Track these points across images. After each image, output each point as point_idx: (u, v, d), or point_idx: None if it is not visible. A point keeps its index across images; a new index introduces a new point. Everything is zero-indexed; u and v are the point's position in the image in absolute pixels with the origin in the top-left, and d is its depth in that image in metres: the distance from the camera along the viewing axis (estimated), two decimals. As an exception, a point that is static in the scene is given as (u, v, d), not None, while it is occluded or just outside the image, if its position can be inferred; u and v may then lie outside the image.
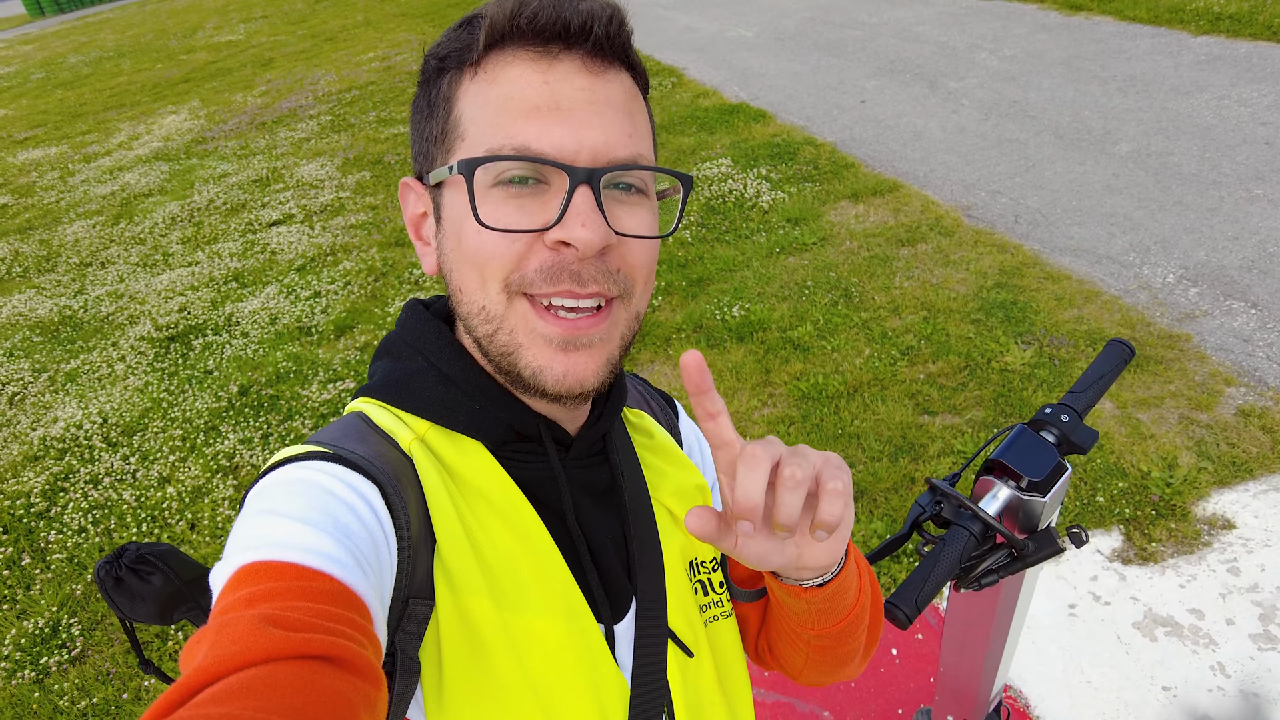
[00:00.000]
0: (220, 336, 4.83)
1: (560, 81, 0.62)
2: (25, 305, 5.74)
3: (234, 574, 0.52)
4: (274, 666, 0.44)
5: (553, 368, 0.65)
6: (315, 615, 0.48)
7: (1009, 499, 1.08)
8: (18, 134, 11.23)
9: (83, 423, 4.18)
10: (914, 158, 5.58)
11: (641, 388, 0.94)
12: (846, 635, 0.76)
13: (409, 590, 0.61)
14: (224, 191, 7.33)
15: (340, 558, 0.53)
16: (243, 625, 0.46)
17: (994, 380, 3.40)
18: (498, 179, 0.62)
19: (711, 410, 0.56)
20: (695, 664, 0.78)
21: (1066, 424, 1.11)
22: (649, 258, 0.68)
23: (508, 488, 0.69)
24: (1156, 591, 2.50)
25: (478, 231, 0.62)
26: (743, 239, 4.87)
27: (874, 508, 2.88)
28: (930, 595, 1.00)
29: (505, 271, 0.63)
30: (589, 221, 0.60)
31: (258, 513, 0.56)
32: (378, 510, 0.60)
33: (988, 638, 1.43)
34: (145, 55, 16.26)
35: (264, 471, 0.62)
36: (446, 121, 0.65)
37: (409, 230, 0.73)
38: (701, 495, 0.85)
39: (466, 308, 0.67)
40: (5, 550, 3.37)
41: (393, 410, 0.71)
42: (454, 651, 0.63)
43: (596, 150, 0.62)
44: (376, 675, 0.50)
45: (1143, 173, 4.84)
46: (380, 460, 0.64)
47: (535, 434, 0.71)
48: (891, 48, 7.90)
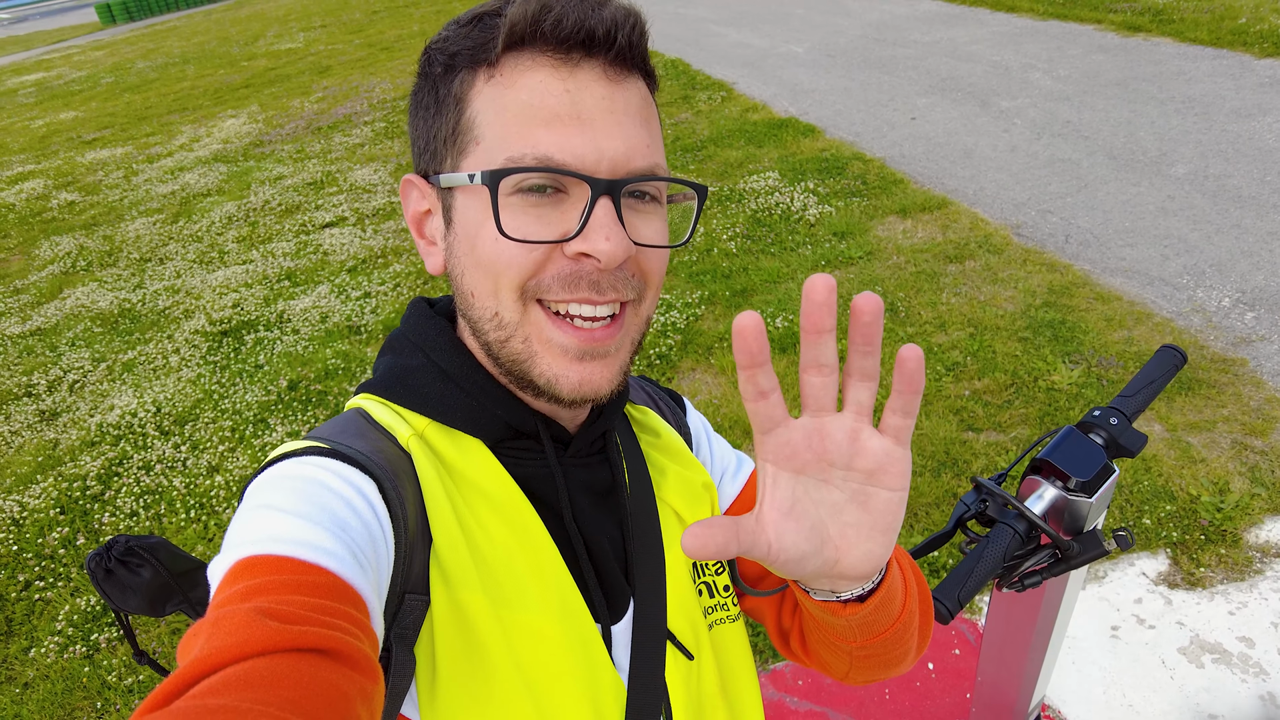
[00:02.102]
0: (271, 333, 4.95)
1: (581, 90, 0.61)
2: (88, 297, 5.94)
3: (231, 568, 0.51)
4: (271, 659, 0.44)
5: (568, 376, 0.65)
6: (312, 609, 0.48)
7: (1055, 499, 1.07)
8: (87, 134, 11.64)
9: (138, 411, 4.30)
10: (964, 175, 5.53)
11: (649, 387, 0.93)
12: (894, 643, 0.72)
13: (405, 585, 0.61)
14: (279, 193, 7.51)
15: (337, 552, 0.53)
16: (239, 618, 0.46)
17: (1040, 399, 3.35)
18: (516, 187, 0.61)
19: (765, 388, 0.51)
20: (696, 667, 0.77)
21: (1115, 427, 1.10)
22: (663, 265, 0.68)
23: (506, 485, 0.69)
24: (1204, 617, 2.44)
25: (495, 240, 0.62)
26: (788, 251, 4.87)
27: (915, 522, 2.85)
28: (973, 591, 1.00)
29: (521, 279, 0.63)
30: (612, 235, 0.60)
31: (255, 507, 0.56)
32: (375, 505, 0.59)
33: (1028, 646, 1.42)
34: (209, 61, 16.76)
35: (262, 467, 0.62)
36: (458, 122, 0.64)
37: (410, 227, 0.72)
38: (708, 494, 0.83)
39: (478, 312, 0.66)
40: (62, 530, 3.48)
41: (392, 406, 0.71)
42: (448, 647, 0.63)
43: (616, 161, 0.61)
44: (373, 668, 0.49)
45: (1199, 195, 4.74)
46: (378, 456, 0.64)
47: (534, 431, 0.71)
48: (944, 66, 7.85)
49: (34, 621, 3.08)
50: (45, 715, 2.68)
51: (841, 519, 0.57)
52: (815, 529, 0.56)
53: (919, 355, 0.50)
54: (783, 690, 2.40)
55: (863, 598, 0.65)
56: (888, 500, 0.56)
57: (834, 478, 0.56)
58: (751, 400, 0.52)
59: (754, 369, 0.50)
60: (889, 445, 0.54)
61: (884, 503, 0.56)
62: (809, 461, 0.55)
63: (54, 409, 4.58)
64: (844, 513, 0.57)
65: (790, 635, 0.85)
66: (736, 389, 3.72)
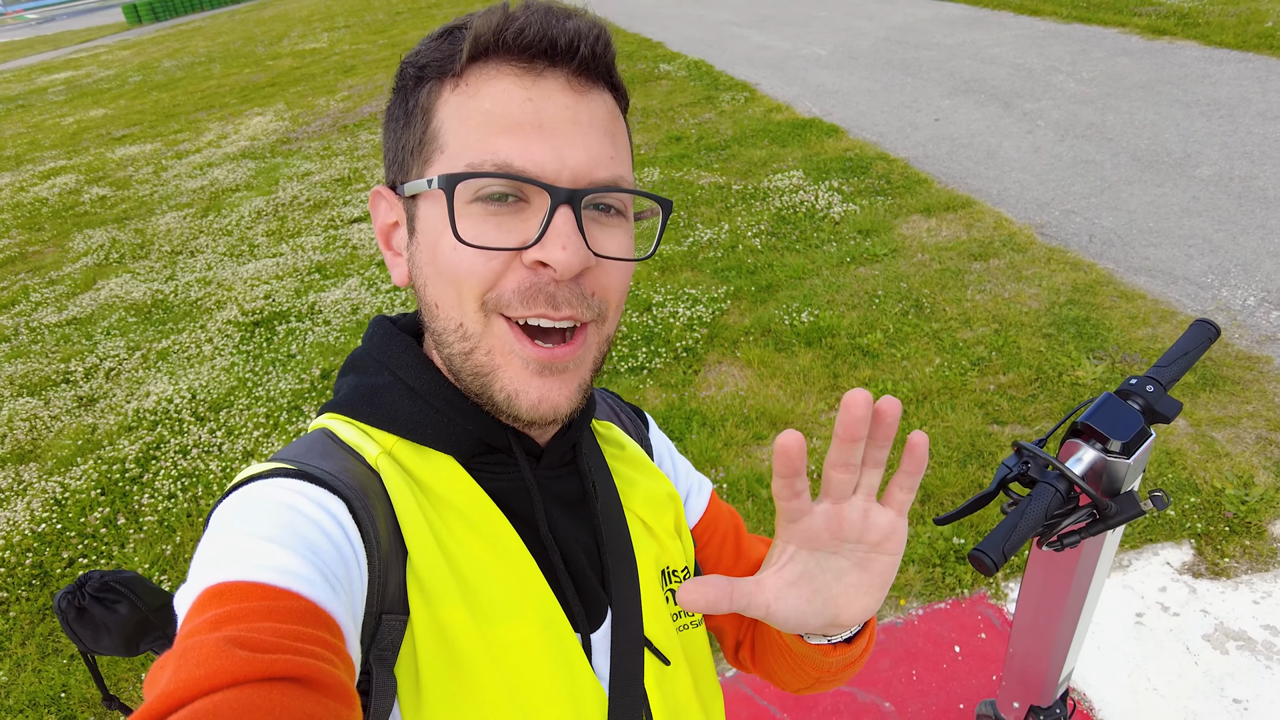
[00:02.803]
0: (303, 323, 5.04)
1: (544, 99, 0.61)
2: (121, 288, 6.06)
3: (199, 596, 0.50)
4: (241, 690, 0.43)
5: (528, 392, 0.64)
6: (283, 635, 0.47)
7: (1094, 461, 1.12)
8: (116, 131, 11.83)
9: (173, 397, 4.40)
10: (987, 175, 5.57)
11: (611, 401, 0.93)
12: (854, 670, 0.80)
13: (381, 606, 0.60)
14: (307, 189, 7.63)
15: (308, 575, 0.52)
16: (207, 648, 0.44)
17: (1064, 394, 3.39)
18: (477, 195, 0.61)
19: (799, 489, 0.57)
20: (672, 672, 0.78)
21: (1151, 394, 1.15)
22: (624, 281, 0.68)
23: (480, 500, 0.68)
24: (1228, 606, 2.48)
25: (455, 248, 0.61)
26: (813, 248, 4.92)
27: (940, 511, 2.89)
28: (1016, 546, 1.05)
29: (482, 289, 0.62)
30: (569, 244, 0.60)
31: (222, 533, 0.55)
32: (345, 526, 0.58)
33: (1062, 612, 1.46)
34: (234, 61, 16.97)
35: (228, 490, 0.60)
36: (425, 132, 0.64)
37: (379, 239, 0.72)
38: (673, 503, 0.85)
39: (442, 324, 0.66)
40: (103, 510, 3.58)
41: (358, 425, 0.70)
42: (431, 665, 0.62)
43: (578, 170, 0.61)
44: (349, 695, 0.48)
45: (1224, 196, 4.76)
46: (346, 475, 0.63)
47: (505, 445, 0.70)
48: (967, 68, 7.88)
49: (78, 596, 3.17)
50: (90, 685, 2.76)
51: (844, 580, 0.63)
52: (819, 593, 0.63)
53: (925, 442, 0.57)
54: (811, 670, 2.45)
55: (850, 640, 0.73)
56: (887, 563, 0.63)
57: (844, 550, 0.62)
58: (785, 500, 0.58)
59: (792, 478, 0.56)
60: (893, 518, 0.61)
61: (883, 565, 0.63)
62: (826, 541, 0.62)
63: (91, 395, 4.68)
64: (847, 575, 0.63)
65: (743, 646, 0.92)
66: (762, 381, 3.77)
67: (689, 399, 3.74)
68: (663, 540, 0.82)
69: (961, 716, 2.27)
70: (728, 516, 0.95)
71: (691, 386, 3.84)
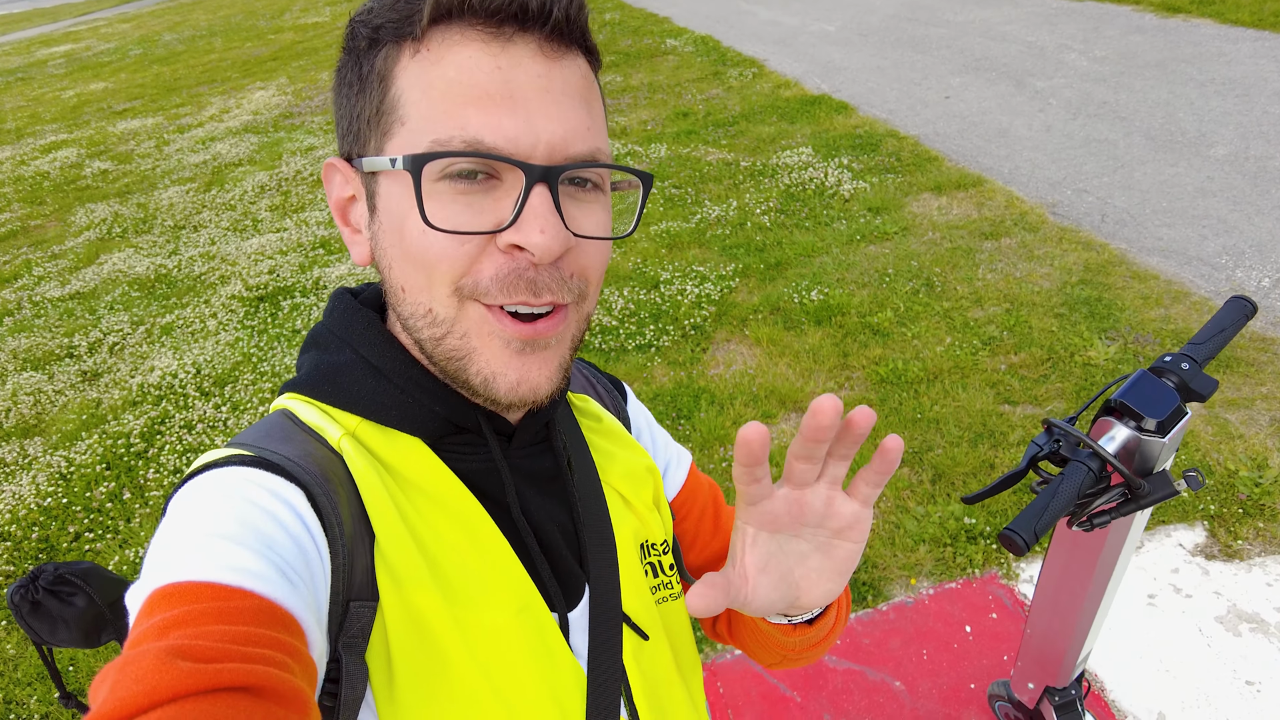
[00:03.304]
0: (308, 299, 5.01)
1: (514, 67, 0.56)
2: (124, 263, 6.03)
3: (148, 598, 0.48)
4: (182, 705, 0.41)
5: (506, 374, 0.61)
6: (233, 639, 0.45)
7: (1128, 439, 1.10)
8: (117, 105, 11.74)
9: (178, 372, 4.38)
10: (999, 154, 5.51)
11: (588, 372, 0.90)
12: (823, 647, 0.80)
13: (348, 594, 0.58)
14: (310, 163, 7.57)
15: (263, 572, 0.50)
16: (148, 660, 0.42)
17: (1076, 374, 3.36)
18: (444, 173, 0.57)
19: (759, 476, 0.56)
20: (651, 646, 0.76)
21: (1187, 371, 1.12)
22: (604, 259, 0.64)
23: (449, 482, 0.66)
24: (1241, 588, 2.46)
25: (422, 231, 0.57)
26: (822, 226, 4.87)
27: (952, 490, 2.88)
28: (1048, 525, 1.03)
29: (456, 275, 0.58)
30: (547, 226, 0.56)
31: (175, 528, 0.53)
32: (304, 516, 0.56)
33: (1084, 596, 1.44)
34: (235, 34, 16.82)
35: (184, 478, 0.58)
36: (382, 101, 0.59)
37: (334, 214, 0.67)
38: (651, 476, 0.83)
39: (410, 308, 0.62)
40: (109, 485, 3.57)
41: (320, 406, 0.67)
42: (404, 650, 0.60)
43: (554, 145, 0.57)
44: (303, 701, 0.46)
45: (1239, 176, 4.71)
46: (306, 460, 0.60)
47: (475, 426, 0.68)
48: (977, 46, 7.79)
49: (85, 570, 3.17)
50: (98, 658, 2.76)
51: (806, 565, 0.63)
52: (784, 578, 0.62)
53: (899, 445, 0.56)
54: (821, 649, 2.44)
55: (811, 621, 0.74)
56: (849, 550, 0.62)
57: (805, 534, 0.62)
58: (745, 485, 0.57)
59: (753, 467, 0.55)
60: (857, 509, 0.60)
61: (845, 553, 0.62)
62: (786, 524, 0.61)
63: (95, 370, 4.66)
64: (809, 560, 0.63)
65: (719, 620, 0.92)
66: (771, 359, 3.74)
67: (697, 377, 3.71)
68: (641, 514, 0.80)
69: (972, 696, 2.26)
70: (707, 489, 0.94)
71: (700, 365, 3.81)
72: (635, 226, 0.65)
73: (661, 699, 0.77)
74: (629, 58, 9.45)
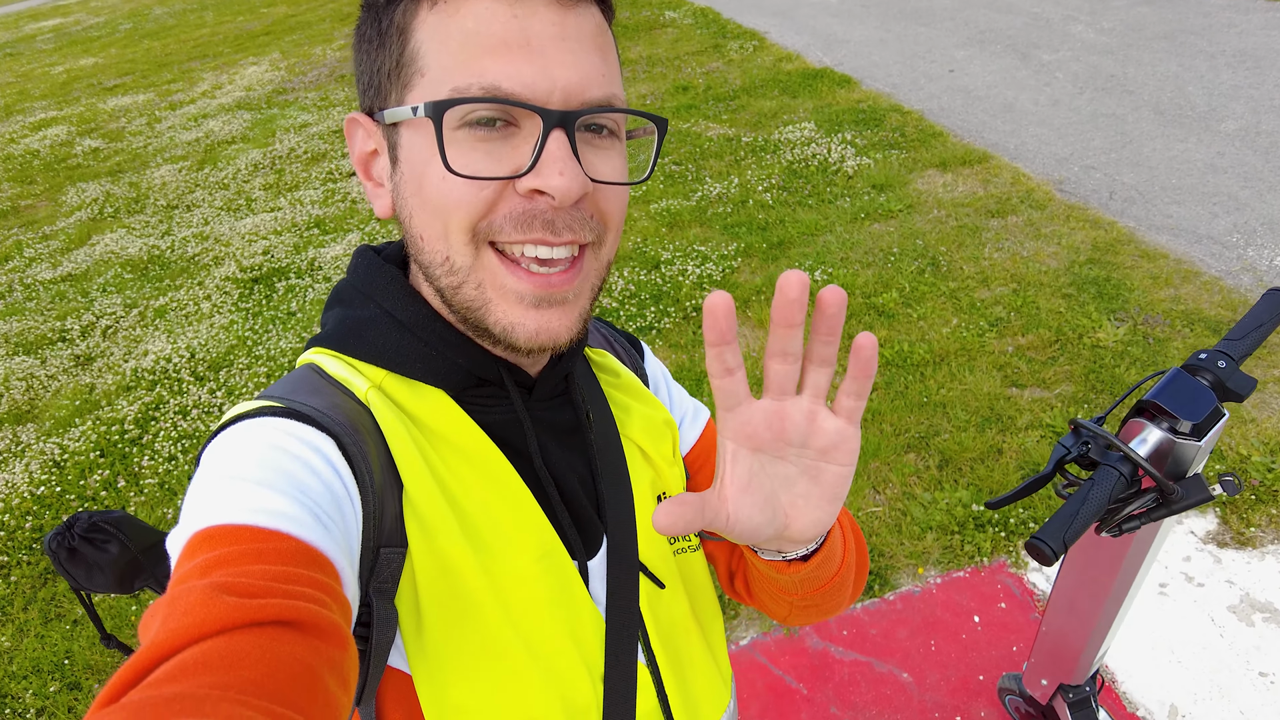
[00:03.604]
0: (303, 280, 4.94)
1: (529, 15, 0.58)
2: (116, 244, 5.94)
3: (189, 541, 0.50)
4: (230, 637, 0.43)
5: (525, 325, 0.62)
6: (273, 578, 0.47)
7: (1160, 442, 1.04)
8: (108, 81, 11.56)
9: (171, 356, 4.32)
10: (1004, 129, 5.41)
11: (605, 330, 0.91)
12: (831, 594, 0.76)
13: (378, 540, 0.60)
14: (305, 141, 7.46)
15: (298, 516, 0.52)
16: (196, 595, 0.44)
17: (1085, 356, 3.30)
18: (463, 120, 0.58)
19: (731, 365, 0.53)
20: (668, 595, 0.78)
21: (1223, 370, 1.06)
22: (623, 204, 0.66)
23: (472, 432, 0.67)
24: (1254, 576, 2.42)
25: (443, 178, 0.59)
26: (825, 203, 4.79)
27: (959, 476, 2.83)
28: (1077, 533, 0.98)
29: (472, 220, 0.60)
30: (566, 169, 0.58)
31: (211, 476, 0.54)
32: (335, 463, 0.57)
33: (1105, 596, 1.39)
34: (227, 8, 16.56)
35: (216, 430, 0.59)
36: (401, 54, 0.61)
37: (357, 169, 0.69)
38: (669, 430, 0.84)
39: (428, 257, 0.63)
40: (103, 472, 3.52)
41: (346, 360, 0.68)
42: (432, 595, 0.62)
43: (570, 91, 0.58)
44: (341, 636, 0.48)
45: (1250, 152, 4.62)
46: (336, 412, 0.61)
47: (496, 378, 0.69)
48: (981, 18, 7.65)
49: (79, 560, 3.12)
50: (95, 651, 2.72)
51: (793, 490, 0.60)
52: (769, 501, 0.59)
53: (873, 343, 0.53)
54: (827, 640, 2.40)
55: (806, 557, 0.69)
56: (837, 474, 0.59)
57: (789, 454, 0.59)
58: (718, 377, 0.54)
59: (721, 346, 0.51)
60: (842, 425, 0.57)
61: (833, 476, 0.59)
62: (768, 441, 0.58)
63: (89, 354, 4.60)
64: (796, 485, 0.60)
65: (736, 577, 0.90)
66: (774, 342, 3.68)
67: (699, 361, 3.65)
68: (659, 466, 0.82)
69: (981, 688, 2.22)
70: None
71: (702, 348, 3.75)
72: (651, 172, 0.67)
73: (679, 646, 0.79)
74: (627, 30, 9.29)
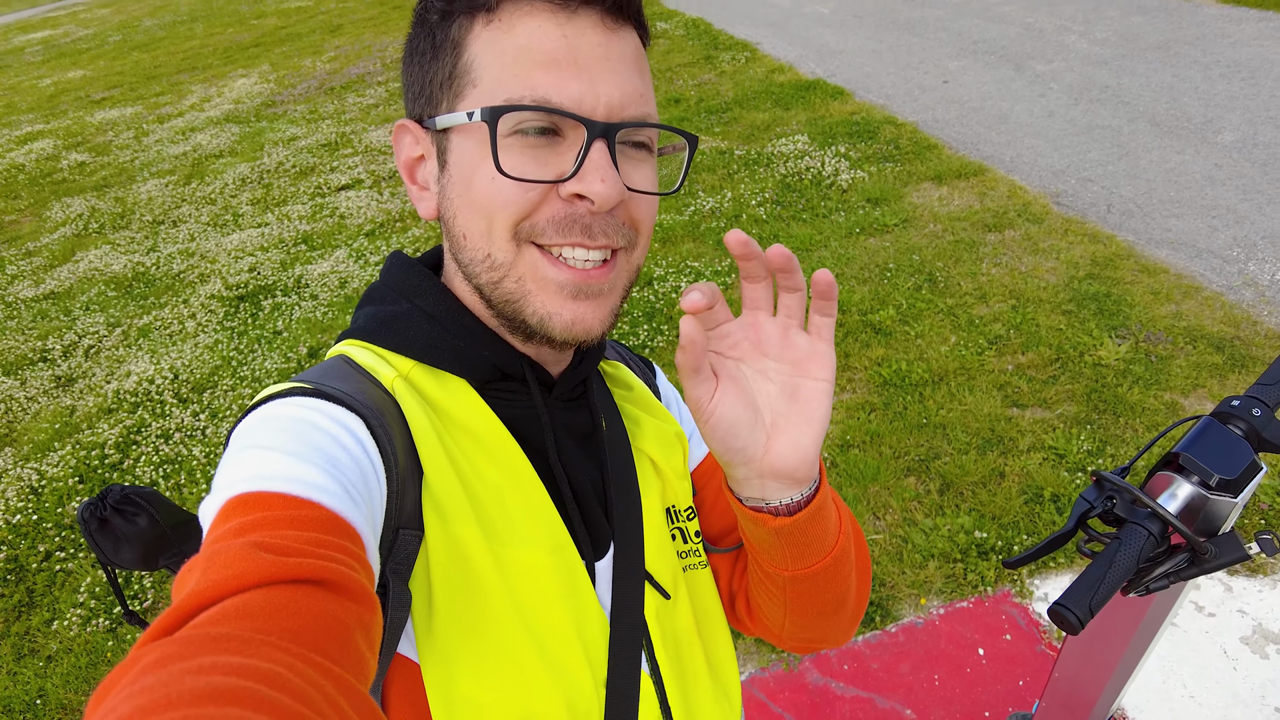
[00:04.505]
0: (290, 298, 4.85)
1: (578, 36, 0.62)
2: (101, 260, 5.85)
3: (222, 507, 0.51)
4: (269, 590, 0.44)
5: (561, 314, 0.66)
6: (306, 542, 0.48)
7: (1192, 497, 0.97)
8: (95, 94, 11.47)
9: (155, 378, 4.22)
10: (999, 141, 5.36)
11: (622, 350, 0.95)
12: (825, 580, 0.75)
13: (398, 521, 0.62)
14: (293, 154, 7.38)
15: (328, 486, 0.53)
16: (234, 551, 0.46)
17: (1087, 374, 3.24)
18: (514, 128, 0.62)
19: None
20: (672, 607, 0.79)
21: (1258, 418, 0.99)
22: (653, 214, 0.70)
23: (493, 424, 0.69)
24: (1266, 606, 2.35)
25: (492, 179, 0.62)
26: (820, 218, 4.72)
27: (960, 501, 2.75)
28: (1105, 598, 0.90)
29: (515, 219, 0.63)
30: (607, 177, 0.62)
31: (243, 448, 0.56)
32: (363, 441, 0.59)
33: (1123, 647, 1.32)
34: (217, 20, 16.49)
35: (247, 410, 0.61)
36: (455, 66, 0.65)
37: (403, 173, 0.73)
38: (680, 442, 0.86)
39: (470, 254, 0.67)
40: (82, 499, 3.41)
41: (376, 350, 0.71)
42: (444, 581, 0.63)
43: (612, 106, 0.63)
44: (370, 599, 0.49)
45: (1248, 164, 4.57)
46: (363, 396, 0.64)
47: (519, 373, 0.72)
48: (975, 28, 7.62)
49: (55, 593, 3.03)
50: (69, 689, 2.63)
51: (774, 408, 0.66)
52: (750, 404, 0.65)
53: (830, 276, 0.61)
54: (828, 675, 2.32)
55: (792, 510, 0.69)
56: (814, 389, 0.65)
57: (768, 369, 0.66)
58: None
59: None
60: (813, 340, 0.65)
61: (811, 391, 0.65)
62: (746, 351, 0.66)
63: (70, 375, 4.50)
64: (776, 403, 0.66)
65: (737, 598, 0.89)
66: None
67: (693, 380, 3.57)
68: (669, 479, 0.83)
69: (988, 726, 2.15)
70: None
71: (695, 366, 3.67)
72: (682, 183, 0.72)
73: (684, 660, 0.79)
74: (619, 42, 9.24)
